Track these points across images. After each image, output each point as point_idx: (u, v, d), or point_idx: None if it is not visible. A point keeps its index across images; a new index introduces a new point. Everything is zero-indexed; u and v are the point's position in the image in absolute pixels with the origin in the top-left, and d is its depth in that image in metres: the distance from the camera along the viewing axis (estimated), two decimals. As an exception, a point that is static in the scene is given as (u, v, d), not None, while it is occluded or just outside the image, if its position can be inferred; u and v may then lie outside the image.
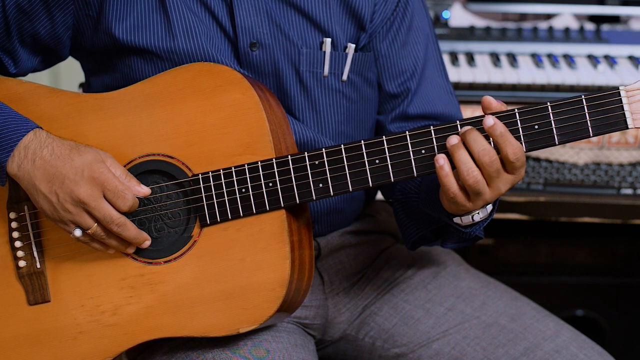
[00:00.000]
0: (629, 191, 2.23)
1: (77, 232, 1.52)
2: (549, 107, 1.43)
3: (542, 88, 2.23)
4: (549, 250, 2.51)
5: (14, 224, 1.60)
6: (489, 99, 1.45)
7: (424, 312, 1.75)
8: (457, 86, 2.23)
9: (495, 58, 2.32)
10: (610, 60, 2.32)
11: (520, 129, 1.44)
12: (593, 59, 2.33)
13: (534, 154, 2.28)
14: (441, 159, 1.43)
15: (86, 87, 1.78)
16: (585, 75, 2.25)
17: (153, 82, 1.57)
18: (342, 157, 1.49)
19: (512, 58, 2.32)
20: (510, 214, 2.26)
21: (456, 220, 1.53)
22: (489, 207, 1.52)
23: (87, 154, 1.51)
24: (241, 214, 1.52)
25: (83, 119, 1.58)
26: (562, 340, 1.68)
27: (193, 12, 1.62)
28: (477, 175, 1.42)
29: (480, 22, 2.54)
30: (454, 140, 1.43)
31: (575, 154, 2.28)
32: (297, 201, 1.51)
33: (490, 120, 1.42)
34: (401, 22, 1.72)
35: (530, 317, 1.72)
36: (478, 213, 1.50)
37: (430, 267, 1.82)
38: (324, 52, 1.66)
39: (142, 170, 1.56)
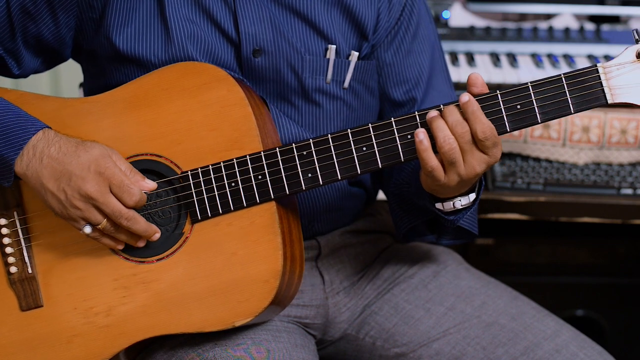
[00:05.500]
0: (629, 191, 2.23)
1: (87, 229, 1.52)
2: (530, 87, 1.47)
3: (542, 88, 2.23)
4: (549, 250, 2.51)
5: (4, 230, 1.60)
6: (476, 76, 1.48)
7: (424, 312, 1.75)
8: (457, 86, 2.23)
9: (495, 58, 2.32)
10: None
11: (503, 109, 1.47)
12: (593, 59, 2.33)
13: (534, 153, 2.28)
14: (421, 134, 1.46)
15: (85, 90, 1.78)
16: (585, 75, 2.25)
17: (139, 84, 1.57)
18: (330, 146, 1.51)
19: (512, 58, 2.32)
20: (510, 214, 2.26)
21: (438, 206, 1.56)
22: (472, 196, 1.55)
23: (93, 150, 1.51)
24: (232, 208, 1.52)
25: (70, 123, 1.58)
26: (562, 339, 1.68)
27: (194, 23, 1.61)
28: (453, 142, 1.45)
29: (480, 22, 2.54)
30: (433, 112, 1.47)
31: (575, 154, 2.28)
32: (287, 192, 1.52)
33: (465, 97, 1.46)
34: (406, 31, 1.73)
35: (530, 316, 1.72)
36: (459, 200, 1.54)
37: (430, 267, 1.82)
38: (328, 59, 1.66)
39: None
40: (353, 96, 1.71)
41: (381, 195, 1.93)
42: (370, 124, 1.49)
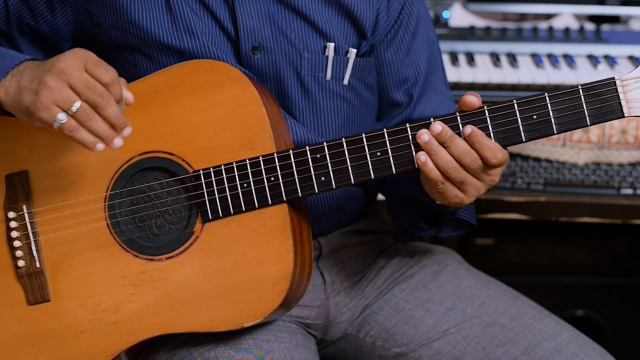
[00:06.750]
0: (629, 191, 2.23)
1: (61, 116, 1.39)
2: (547, 97, 1.46)
3: (543, 88, 2.23)
4: (549, 250, 2.51)
5: (12, 224, 1.59)
6: (471, 100, 1.47)
7: (424, 312, 1.75)
8: (457, 86, 2.23)
9: (495, 58, 2.32)
10: (610, 60, 2.32)
11: (519, 119, 1.47)
12: (593, 59, 2.33)
13: (534, 153, 2.28)
14: (422, 156, 1.46)
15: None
16: (585, 75, 2.25)
17: (151, 80, 1.57)
18: (344, 150, 1.51)
19: (512, 58, 2.32)
20: (510, 214, 2.26)
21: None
22: None
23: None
24: (243, 209, 1.52)
25: None
26: (563, 339, 1.68)
27: (196, 14, 1.62)
28: (456, 165, 1.46)
29: (480, 22, 2.54)
30: (424, 137, 1.46)
31: (575, 154, 2.29)
32: (300, 194, 1.51)
33: (468, 129, 1.46)
34: (405, 30, 1.73)
35: (530, 316, 1.72)
36: None
37: (430, 267, 1.82)
38: (327, 56, 1.66)
39: (142, 168, 1.56)
40: (353, 93, 1.71)
41: (381, 195, 1.93)
42: (385, 129, 1.49)
